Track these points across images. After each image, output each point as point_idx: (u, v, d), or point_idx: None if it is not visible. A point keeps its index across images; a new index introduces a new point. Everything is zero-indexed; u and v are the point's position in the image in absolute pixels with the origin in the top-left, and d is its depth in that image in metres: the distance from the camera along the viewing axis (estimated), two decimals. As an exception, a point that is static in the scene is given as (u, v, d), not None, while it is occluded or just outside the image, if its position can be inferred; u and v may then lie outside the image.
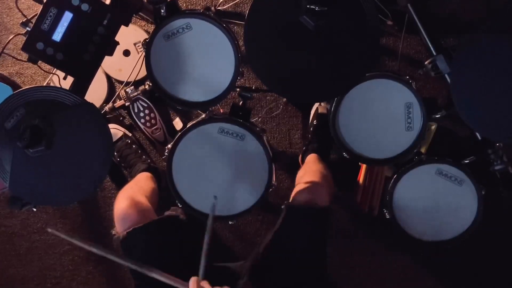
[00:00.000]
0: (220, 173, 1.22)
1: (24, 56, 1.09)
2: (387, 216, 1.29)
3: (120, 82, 1.67)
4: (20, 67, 1.71)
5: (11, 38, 1.17)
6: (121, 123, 1.67)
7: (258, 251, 1.21)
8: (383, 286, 1.73)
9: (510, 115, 1.15)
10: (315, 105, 1.63)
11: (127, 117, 1.68)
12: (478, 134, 1.33)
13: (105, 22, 1.08)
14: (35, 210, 1.12)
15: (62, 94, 1.04)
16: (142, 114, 1.63)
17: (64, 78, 1.37)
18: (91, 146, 1.08)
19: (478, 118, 1.17)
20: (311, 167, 1.43)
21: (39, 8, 1.05)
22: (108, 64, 1.64)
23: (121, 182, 1.66)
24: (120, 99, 1.61)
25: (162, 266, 1.15)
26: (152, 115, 1.64)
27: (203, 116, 1.24)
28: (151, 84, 1.23)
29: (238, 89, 1.34)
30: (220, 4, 1.61)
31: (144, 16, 1.50)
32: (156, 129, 1.65)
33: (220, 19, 1.16)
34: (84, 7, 1.06)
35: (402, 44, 1.61)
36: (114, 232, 1.21)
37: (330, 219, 1.22)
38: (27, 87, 1.04)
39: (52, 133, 1.01)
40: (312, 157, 1.52)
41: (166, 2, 1.13)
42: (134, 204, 1.21)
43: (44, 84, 1.64)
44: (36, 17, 1.05)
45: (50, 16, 1.05)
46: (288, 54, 1.13)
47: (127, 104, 1.61)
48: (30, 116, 1.01)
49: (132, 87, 1.57)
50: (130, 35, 1.60)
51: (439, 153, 1.47)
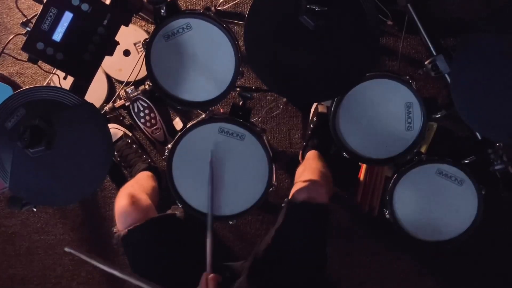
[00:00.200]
0: (220, 173, 1.22)
1: (24, 56, 1.09)
2: (387, 216, 1.29)
3: (120, 82, 1.67)
4: (20, 67, 1.71)
5: (11, 38, 1.17)
6: (121, 123, 1.67)
7: (259, 250, 1.21)
8: (383, 286, 1.73)
9: (510, 115, 1.15)
10: (315, 104, 1.63)
11: (127, 117, 1.68)
12: (478, 134, 1.33)
13: (105, 22, 1.08)
14: (35, 210, 1.12)
15: (62, 94, 1.05)
16: (142, 114, 1.63)
17: (64, 78, 1.37)
18: (91, 146, 1.08)
19: (478, 118, 1.17)
20: (311, 164, 1.43)
21: (39, 8, 1.05)
22: (108, 64, 1.64)
23: (121, 182, 1.65)
24: (120, 99, 1.61)
25: (162, 263, 1.16)
26: (152, 115, 1.64)
27: (203, 116, 1.24)
28: (151, 84, 1.23)
29: (238, 89, 1.34)
30: (220, 4, 1.61)
31: (144, 16, 1.50)
32: (156, 129, 1.65)
33: (220, 19, 1.16)
34: (84, 7, 1.06)
35: (402, 44, 1.61)
36: (115, 230, 1.21)
37: (330, 217, 1.23)
38: (27, 87, 1.04)
39: (52, 133, 1.01)
40: (312, 153, 1.52)
41: (166, 2, 1.13)
42: (135, 201, 1.21)
43: (44, 84, 1.63)
44: (36, 17, 1.05)
45: (50, 16, 1.04)
46: (288, 54, 1.13)
47: (127, 104, 1.60)
48: (30, 116, 1.01)
49: (132, 87, 1.57)
50: (130, 35, 1.60)
51: (439, 153, 1.47)
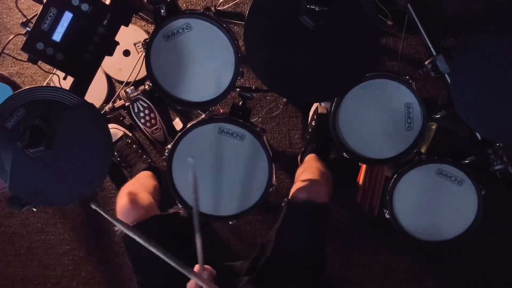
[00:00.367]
0: (220, 173, 1.22)
1: (24, 56, 1.09)
2: (387, 216, 1.29)
3: (120, 82, 1.67)
4: (20, 67, 1.71)
5: (11, 38, 1.17)
6: (121, 123, 1.67)
7: (263, 251, 1.21)
8: (383, 286, 1.73)
9: (510, 115, 1.15)
10: (314, 105, 1.63)
11: (127, 117, 1.68)
12: (478, 134, 1.33)
13: (105, 22, 1.08)
14: (35, 210, 1.12)
15: (62, 94, 1.05)
16: (142, 114, 1.63)
17: (64, 78, 1.37)
18: (91, 146, 1.08)
19: (478, 118, 1.17)
20: (310, 165, 1.43)
21: (39, 8, 1.05)
22: (108, 64, 1.63)
23: (121, 182, 1.65)
24: (120, 99, 1.61)
25: (163, 261, 1.16)
26: (152, 115, 1.64)
27: (203, 116, 1.24)
28: (151, 84, 1.23)
29: (238, 89, 1.34)
30: (220, 4, 1.61)
31: (144, 16, 1.50)
32: (156, 129, 1.65)
33: (220, 19, 1.16)
34: (84, 7, 1.06)
35: (402, 44, 1.60)
36: (116, 228, 1.21)
37: (329, 217, 1.23)
38: (27, 87, 1.04)
39: (52, 133, 1.01)
40: (311, 156, 1.52)
41: (166, 2, 1.13)
42: (136, 200, 1.22)
43: (44, 84, 1.64)
44: (36, 17, 1.05)
45: (50, 16, 1.05)
46: (288, 54, 1.13)
47: (127, 104, 1.60)
48: (30, 116, 1.01)
49: (132, 87, 1.57)
50: (130, 35, 1.60)
51: (439, 153, 1.47)
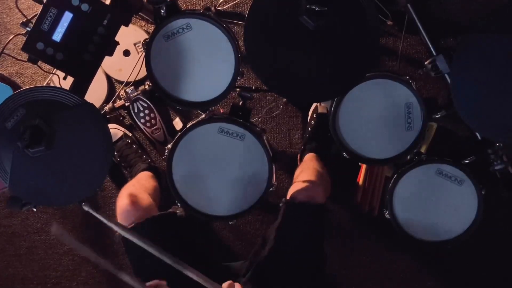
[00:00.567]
0: (220, 173, 1.22)
1: (24, 56, 1.09)
2: (387, 216, 1.29)
3: (120, 82, 1.67)
4: (20, 67, 1.71)
5: (11, 38, 1.16)
6: (121, 123, 1.67)
7: (260, 252, 1.21)
8: (383, 286, 1.73)
9: (510, 115, 1.15)
10: (314, 104, 1.63)
11: (127, 117, 1.68)
12: (478, 134, 1.33)
13: (105, 22, 1.08)
14: (35, 210, 1.12)
15: (62, 94, 1.05)
16: (142, 114, 1.63)
17: (64, 78, 1.37)
18: (91, 146, 1.08)
19: (478, 118, 1.17)
20: (308, 165, 1.43)
21: (39, 8, 1.05)
22: (108, 64, 1.63)
23: (121, 182, 1.66)
24: (120, 99, 1.61)
25: (163, 262, 1.16)
26: (152, 115, 1.64)
27: (203, 116, 1.24)
28: (151, 84, 1.23)
29: (238, 89, 1.34)
30: (220, 4, 1.61)
31: (144, 16, 1.50)
32: (156, 129, 1.65)
33: (220, 19, 1.16)
34: (84, 7, 1.06)
35: (402, 44, 1.61)
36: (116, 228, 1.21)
37: (327, 217, 1.22)
38: (27, 87, 1.04)
39: (52, 133, 1.01)
40: (310, 156, 1.52)
41: (166, 2, 1.13)
42: (136, 201, 1.22)
43: (44, 84, 1.64)
44: (36, 17, 1.05)
45: (50, 16, 1.04)
46: (288, 54, 1.13)
47: (127, 104, 1.60)
48: (30, 116, 1.01)
49: (132, 87, 1.57)
50: (130, 35, 1.60)
51: (439, 153, 1.47)
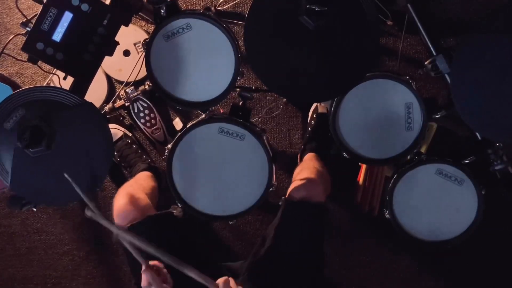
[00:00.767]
0: (220, 173, 1.22)
1: (24, 56, 1.09)
2: (387, 216, 1.29)
3: (120, 82, 1.67)
4: (20, 67, 1.71)
5: (11, 38, 1.17)
6: (121, 123, 1.67)
7: (260, 250, 1.21)
8: (383, 286, 1.73)
9: (510, 115, 1.15)
10: (314, 104, 1.63)
11: (127, 117, 1.68)
12: (478, 134, 1.33)
13: (105, 22, 1.08)
14: (35, 210, 1.12)
15: (62, 94, 1.05)
16: (142, 114, 1.63)
17: (64, 78, 1.37)
18: (91, 146, 1.08)
19: (478, 118, 1.17)
20: (308, 164, 1.43)
21: (39, 8, 1.05)
22: (108, 64, 1.63)
23: (121, 182, 1.65)
24: (120, 99, 1.61)
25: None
26: (152, 115, 1.64)
27: (203, 116, 1.24)
28: (151, 84, 1.23)
29: (238, 89, 1.34)
30: (220, 4, 1.61)
31: (144, 16, 1.50)
32: (156, 129, 1.65)
33: (220, 19, 1.16)
34: (84, 7, 1.06)
35: (402, 44, 1.60)
36: None
37: (327, 216, 1.22)
38: (27, 87, 1.04)
39: (52, 133, 1.01)
40: (310, 155, 1.52)
41: (166, 2, 1.13)
42: (134, 201, 1.22)
43: (44, 84, 1.64)
44: (36, 17, 1.05)
45: (50, 16, 1.05)
46: (288, 54, 1.13)
47: (127, 104, 1.60)
48: (30, 116, 1.01)
49: (132, 87, 1.57)
50: (130, 35, 1.60)
51: (439, 153, 1.47)
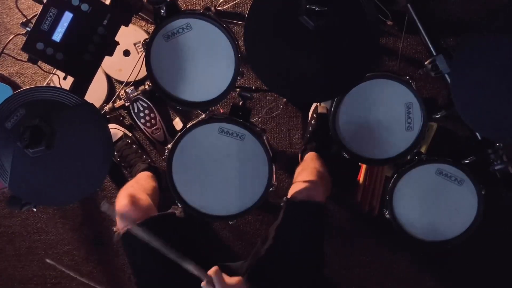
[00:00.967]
0: (220, 173, 1.22)
1: (24, 56, 1.09)
2: (387, 216, 1.29)
3: (120, 82, 1.67)
4: (20, 67, 1.71)
5: (11, 38, 1.17)
6: (121, 123, 1.67)
7: (261, 250, 1.21)
8: (383, 286, 1.73)
9: (510, 115, 1.15)
10: (314, 104, 1.63)
11: (127, 117, 1.68)
12: (478, 134, 1.33)
13: (105, 22, 1.08)
14: (35, 210, 1.12)
15: (62, 94, 1.05)
16: (142, 114, 1.63)
17: (64, 78, 1.37)
18: (91, 146, 1.08)
19: (478, 118, 1.17)
20: (309, 164, 1.44)
21: (39, 8, 1.05)
22: (108, 64, 1.63)
23: (121, 182, 1.66)
24: (120, 99, 1.61)
25: (162, 262, 1.16)
26: (152, 115, 1.64)
27: (203, 116, 1.24)
28: (151, 84, 1.23)
29: (238, 89, 1.34)
30: (220, 4, 1.61)
31: (144, 16, 1.49)
32: (156, 129, 1.65)
33: (220, 19, 1.16)
34: (84, 7, 1.06)
35: (402, 44, 1.61)
36: (115, 229, 1.22)
37: (327, 216, 1.23)
38: (27, 87, 1.04)
39: (52, 133, 1.01)
40: (310, 155, 1.53)
41: (166, 2, 1.13)
42: (135, 201, 1.22)
43: (44, 84, 1.64)
44: (36, 17, 1.05)
45: (50, 16, 1.05)
46: (288, 54, 1.13)
47: (127, 104, 1.60)
48: (30, 116, 1.01)
49: (132, 87, 1.57)
50: (130, 35, 1.60)
51: (439, 153, 1.47)
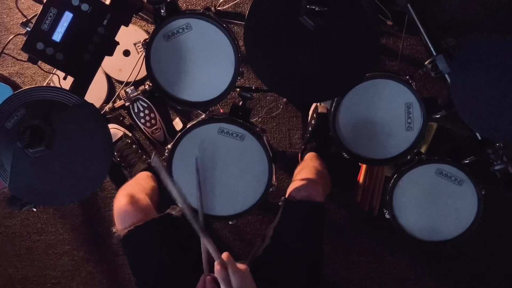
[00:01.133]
0: (220, 173, 1.22)
1: (24, 56, 1.09)
2: (387, 216, 1.29)
3: (120, 82, 1.67)
4: (20, 67, 1.71)
5: (11, 38, 1.17)
6: (121, 123, 1.67)
7: (259, 250, 1.21)
8: (383, 286, 1.73)
9: (510, 115, 1.16)
10: (314, 104, 1.63)
11: (127, 117, 1.68)
12: (478, 134, 1.33)
13: (105, 22, 1.08)
14: (35, 210, 1.12)
15: (62, 94, 1.05)
16: (142, 114, 1.63)
17: (64, 78, 1.37)
18: (91, 146, 1.08)
19: (478, 118, 1.17)
20: (308, 164, 1.44)
21: (39, 8, 1.05)
22: (108, 64, 1.64)
23: (121, 182, 1.65)
24: (120, 99, 1.61)
25: (163, 263, 1.16)
26: (152, 115, 1.64)
27: (203, 116, 1.24)
28: (151, 84, 1.23)
29: (238, 89, 1.34)
30: (220, 4, 1.61)
31: (144, 16, 1.49)
32: (156, 129, 1.65)
33: (220, 19, 1.16)
34: (84, 7, 1.06)
35: (402, 44, 1.61)
36: (114, 230, 1.21)
37: (326, 216, 1.23)
38: (27, 87, 1.04)
39: (52, 133, 1.01)
40: (310, 155, 1.53)
41: (166, 2, 1.13)
42: (134, 201, 1.21)
43: (44, 84, 1.64)
44: (36, 17, 1.05)
45: (50, 16, 1.05)
46: (288, 54, 1.13)
47: (127, 104, 1.61)
48: (30, 116, 1.01)
49: (132, 87, 1.57)
50: (130, 35, 1.60)
51: (439, 153, 1.47)
